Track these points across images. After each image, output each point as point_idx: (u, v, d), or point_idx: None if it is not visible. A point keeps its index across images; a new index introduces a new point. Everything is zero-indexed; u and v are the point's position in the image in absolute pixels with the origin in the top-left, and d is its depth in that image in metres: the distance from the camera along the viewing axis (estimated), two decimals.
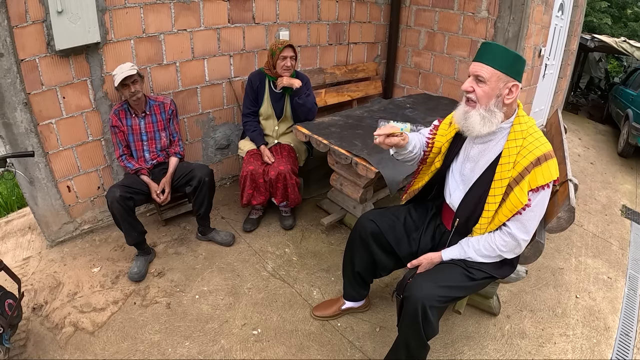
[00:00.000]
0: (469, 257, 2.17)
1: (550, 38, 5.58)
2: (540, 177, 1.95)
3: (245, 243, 3.60)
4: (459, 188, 2.26)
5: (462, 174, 2.24)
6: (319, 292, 3.12)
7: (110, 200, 2.98)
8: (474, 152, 2.17)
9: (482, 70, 1.95)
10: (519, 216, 2.03)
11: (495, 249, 2.12)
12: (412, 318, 2.01)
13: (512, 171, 1.99)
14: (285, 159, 3.53)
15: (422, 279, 2.11)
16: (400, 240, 2.44)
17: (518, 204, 1.99)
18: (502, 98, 1.96)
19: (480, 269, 2.16)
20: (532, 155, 1.95)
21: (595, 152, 7.03)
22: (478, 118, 2.01)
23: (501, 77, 1.93)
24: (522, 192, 1.97)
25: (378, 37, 5.52)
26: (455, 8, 4.81)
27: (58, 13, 2.95)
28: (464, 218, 2.23)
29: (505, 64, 1.92)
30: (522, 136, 2.00)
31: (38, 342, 2.66)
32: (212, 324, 2.81)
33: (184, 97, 3.91)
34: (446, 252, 2.23)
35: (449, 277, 2.12)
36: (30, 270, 3.27)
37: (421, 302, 1.97)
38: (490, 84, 1.95)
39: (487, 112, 1.99)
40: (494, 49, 1.94)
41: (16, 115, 3.02)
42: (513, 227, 2.06)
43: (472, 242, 2.17)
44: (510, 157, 2.00)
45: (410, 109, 4.12)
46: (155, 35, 3.54)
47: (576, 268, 3.58)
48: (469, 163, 2.20)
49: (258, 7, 4.10)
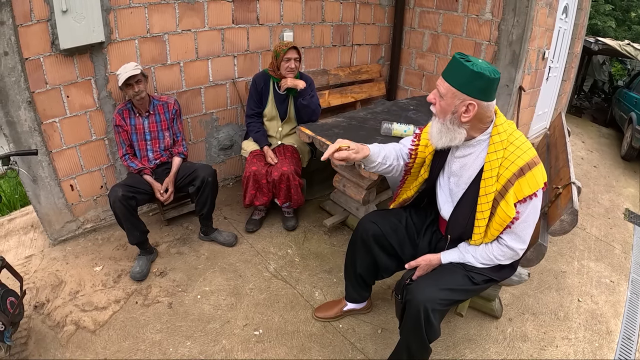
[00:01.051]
0: (468, 262, 2.16)
1: (554, 41, 5.59)
2: (526, 187, 1.92)
3: (247, 244, 3.61)
4: (448, 201, 2.24)
5: (449, 188, 2.22)
6: (321, 293, 3.12)
7: (113, 200, 2.99)
8: (455, 167, 2.14)
9: (440, 85, 1.93)
10: (511, 229, 2.02)
11: (493, 259, 2.12)
12: (414, 321, 2.01)
13: (496, 184, 1.96)
14: (289, 159, 3.53)
15: (424, 282, 2.10)
16: (403, 242, 2.44)
17: (506, 217, 1.96)
18: (458, 115, 1.91)
19: (481, 273, 2.16)
20: (514, 166, 1.91)
21: (598, 155, 7.01)
22: (435, 130, 2.01)
23: (457, 94, 1.88)
24: (509, 206, 1.94)
25: (382, 39, 5.53)
26: (459, 10, 4.81)
27: (63, 12, 2.95)
28: (457, 234, 2.23)
29: (461, 81, 1.85)
30: (503, 146, 1.95)
31: (39, 340, 2.66)
32: (213, 324, 2.81)
33: (187, 97, 3.92)
34: (445, 255, 2.22)
35: (451, 280, 2.11)
36: (33, 268, 3.28)
37: (423, 305, 1.96)
38: (446, 99, 1.91)
39: (443, 125, 1.97)
40: (454, 65, 1.88)
41: (20, 113, 3.03)
42: (508, 239, 2.05)
43: (470, 249, 2.17)
44: (492, 171, 1.96)
45: (413, 111, 4.11)
46: (159, 35, 3.54)
47: (579, 271, 3.57)
48: (453, 177, 2.18)
49: (262, 7, 4.11)
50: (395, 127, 3.42)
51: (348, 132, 3.50)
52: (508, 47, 4.51)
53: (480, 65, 1.84)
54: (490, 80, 1.83)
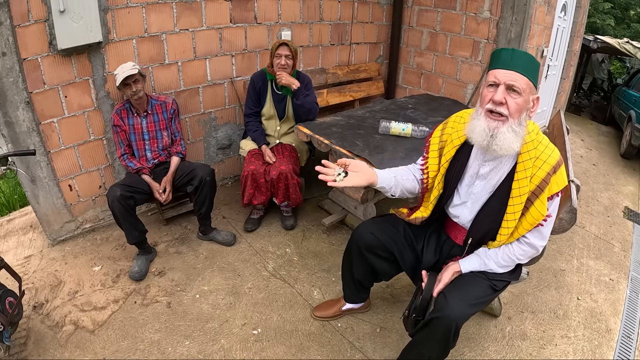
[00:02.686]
0: (490, 269, 2.11)
1: (552, 39, 5.58)
2: (555, 185, 1.89)
3: (246, 243, 3.61)
4: (466, 206, 2.16)
5: (471, 192, 2.13)
6: (320, 292, 3.12)
7: (111, 199, 2.99)
8: (484, 170, 2.04)
9: (517, 80, 1.77)
10: (540, 227, 1.98)
11: (514, 260, 2.08)
12: (442, 338, 1.97)
13: (530, 185, 1.90)
14: (287, 158, 3.53)
15: (452, 299, 1.99)
16: (403, 251, 2.36)
17: (539, 216, 1.92)
18: (528, 112, 1.85)
19: (501, 279, 2.13)
20: (547, 165, 1.86)
21: (597, 153, 7.01)
22: (512, 134, 1.82)
23: (532, 88, 1.81)
24: (542, 204, 1.90)
25: (380, 38, 5.52)
26: (457, 8, 4.81)
27: (60, 12, 2.95)
28: (479, 235, 2.15)
29: (534, 74, 1.79)
30: (534, 146, 1.88)
31: (38, 340, 2.67)
32: (212, 323, 2.81)
33: (185, 96, 3.92)
34: (465, 264, 2.15)
35: (478, 292, 2.05)
36: (32, 268, 3.28)
37: (455, 323, 1.92)
38: (525, 95, 1.79)
39: (518, 126, 1.83)
40: (521, 56, 1.78)
41: (18, 114, 3.03)
42: (531, 237, 2.02)
43: (491, 254, 2.11)
44: (526, 171, 1.89)
45: (412, 110, 4.11)
46: (157, 34, 3.54)
47: (578, 270, 3.57)
48: (479, 181, 2.09)
49: (260, 7, 4.10)
50: (393, 126, 3.42)
51: (346, 130, 3.50)
52: (507, 45, 4.50)
53: None
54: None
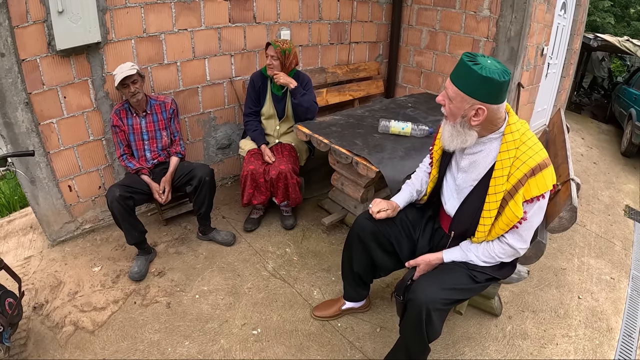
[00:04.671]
0: (471, 260, 2.15)
1: (552, 37, 5.58)
2: (535, 188, 1.90)
3: (245, 243, 3.60)
4: (453, 197, 2.24)
5: (456, 183, 2.21)
6: (320, 292, 3.11)
7: (110, 200, 2.99)
8: (464, 163, 2.13)
9: (449, 88, 1.91)
10: (515, 229, 2.01)
11: (494, 257, 2.11)
12: (415, 321, 2.00)
13: (506, 184, 1.94)
14: (286, 158, 3.53)
15: (426, 282, 2.08)
16: (400, 239, 2.42)
17: (514, 218, 1.96)
18: (467, 119, 1.90)
19: (483, 271, 2.15)
20: (525, 166, 1.89)
21: (598, 151, 7.01)
22: (447, 132, 2.02)
23: (465, 99, 1.85)
24: (517, 206, 1.93)
25: (380, 37, 5.50)
26: (457, 7, 4.80)
27: (59, 13, 2.95)
28: (461, 230, 2.21)
29: (469, 86, 1.82)
30: (515, 146, 1.92)
31: (38, 341, 2.67)
32: (212, 323, 2.81)
33: (185, 96, 3.91)
34: (447, 254, 2.21)
35: (454, 279, 2.10)
36: (32, 269, 3.29)
37: (425, 305, 1.95)
38: (455, 103, 1.89)
39: (453, 128, 1.97)
40: (463, 68, 1.83)
41: (17, 114, 3.03)
42: (510, 238, 2.05)
43: (472, 248, 2.16)
44: (503, 170, 1.94)
45: (411, 109, 4.10)
46: (156, 35, 3.54)
47: (579, 268, 3.57)
48: (460, 173, 2.16)
49: (259, 6, 4.10)
50: (392, 125, 3.42)
51: (346, 130, 3.50)
52: (506, 44, 4.50)
53: (489, 68, 1.79)
54: (499, 83, 1.79)
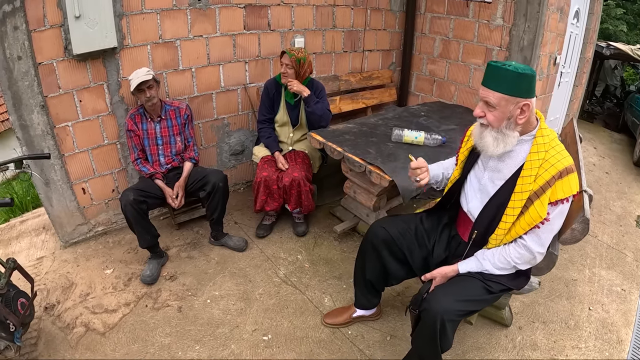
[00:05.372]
0: (486, 270, 2.16)
1: (565, 46, 5.55)
2: (560, 190, 1.94)
3: (257, 249, 3.61)
4: (477, 197, 2.25)
5: (481, 183, 2.23)
6: (331, 299, 3.11)
7: (124, 203, 3.01)
8: (492, 163, 2.16)
9: (489, 96, 1.95)
10: (537, 229, 2.02)
11: (510, 261, 2.11)
12: (429, 332, 2.01)
13: (534, 184, 1.97)
14: (300, 165, 3.54)
15: (441, 293, 2.09)
16: (412, 248, 2.43)
17: (537, 217, 1.98)
18: (514, 119, 1.96)
19: (498, 282, 2.16)
20: (554, 168, 1.93)
21: (610, 161, 6.95)
22: (491, 139, 2.03)
23: (510, 100, 1.92)
24: (542, 206, 1.96)
25: (393, 45, 5.50)
26: (470, 16, 4.79)
27: (76, 18, 2.99)
28: (482, 229, 2.21)
29: (510, 87, 1.90)
30: (545, 149, 1.98)
31: (49, 341, 2.69)
32: (222, 328, 2.82)
33: (199, 102, 3.94)
34: (462, 265, 2.21)
35: (468, 290, 2.11)
36: (44, 270, 3.32)
37: (440, 316, 1.96)
38: (500, 108, 1.94)
39: (499, 133, 2.00)
40: (497, 72, 1.92)
41: (33, 117, 3.07)
42: (529, 240, 2.06)
43: (488, 255, 2.17)
44: (532, 170, 1.98)
45: (424, 117, 4.10)
46: (171, 41, 3.57)
47: (590, 279, 3.54)
48: (487, 173, 2.19)
49: (274, 14, 4.12)
50: (406, 134, 3.42)
51: (359, 138, 3.51)
52: (519, 53, 4.49)
53: (516, 65, 1.90)
54: (533, 77, 1.91)
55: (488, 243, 2.20)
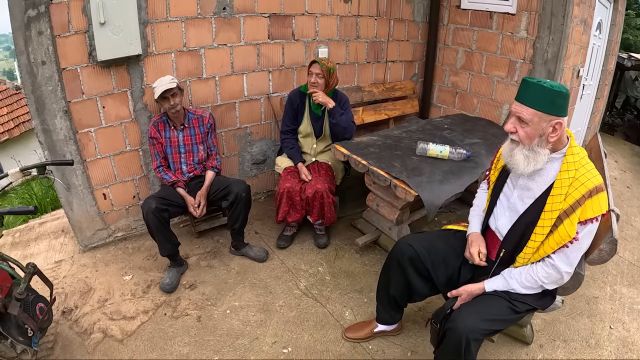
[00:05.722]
0: (513, 289, 2.14)
1: (588, 58, 5.50)
2: (590, 209, 1.92)
3: (278, 260, 3.60)
4: (505, 215, 2.24)
5: (510, 201, 2.21)
6: (351, 313, 3.09)
7: (146, 212, 3.01)
8: (522, 181, 2.14)
9: (522, 112, 1.94)
10: (565, 249, 2.00)
11: (537, 281, 2.09)
12: (454, 350, 1.99)
13: (564, 203, 1.95)
14: (323, 177, 3.52)
15: (467, 312, 2.08)
16: (438, 266, 2.40)
17: (566, 236, 1.96)
18: (545, 137, 1.95)
19: (524, 301, 2.14)
20: (584, 187, 1.91)
21: (632, 175, 6.85)
22: (521, 157, 2.01)
23: (543, 117, 1.91)
24: (572, 225, 1.94)
25: (416, 56, 5.48)
26: (493, 27, 4.76)
27: (101, 24, 3.01)
28: (511, 247, 2.19)
29: (545, 104, 1.89)
30: (575, 167, 1.96)
31: (66, 345, 2.70)
32: (242, 340, 2.81)
33: (222, 111, 3.94)
34: (489, 284, 2.19)
35: (494, 310, 2.09)
36: (62, 273, 3.34)
37: (465, 335, 1.95)
38: (532, 125, 1.94)
39: (530, 151, 1.99)
40: (532, 89, 1.91)
41: (56, 122, 3.10)
42: (557, 259, 2.03)
43: (515, 274, 2.14)
44: (562, 189, 1.96)
45: (448, 130, 4.06)
46: (195, 49, 3.58)
47: (611, 297, 3.49)
48: (517, 191, 2.18)
49: (298, 23, 4.12)
50: (431, 148, 3.39)
51: (383, 151, 3.49)
52: (543, 66, 4.44)
53: (551, 83, 1.89)
54: (567, 95, 1.91)
55: (515, 262, 2.18)
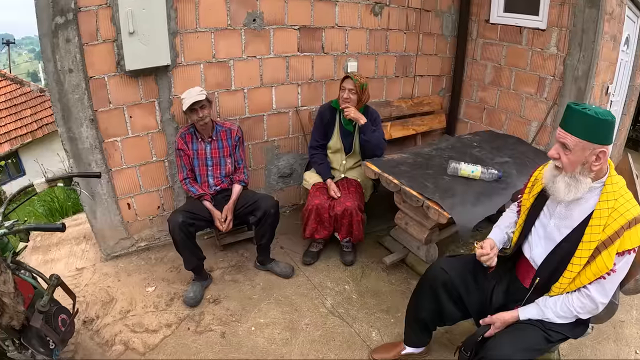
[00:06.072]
0: (547, 318, 2.08)
1: (616, 74, 5.41)
2: (628, 241, 1.86)
3: (304, 276, 3.54)
4: (541, 244, 2.18)
5: (546, 230, 2.15)
6: (378, 333, 3.03)
7: (172, 226, 2.98)
8: (559, 210, 2.08)
9: (566, 139, 1.90)
10: (602, 280, 1.94)
11: (572, 311, 2.03)
12: None
13: (602, 234, 1.89)
14: (353, 194, 3.48)
15: (502, 342, 2.03)
16: (470, 291, 2.36)
17: (604, 268, 1.90)
18: (588, 165, 1.88)
19: (558, 331, 2.08)
20: (623, 218, 1.86)
21: None
22: (563, 185, 1.97)
23: (586, 146, 1.85)
24: (610, 257, 1.88)
25: (444, 70, 5.42)
26: (523, 43, 4.69)
27: (129, 34, 3.01)
28: (546, 276, 2.14)
29: (588, 132, 1.83)
30: (614, 197, 1.90)
31: (86, 356, 2.69)
32: (267, 358, 2.76)
33: (250, 123, 3.92)
34: (523, 312, 2.14)
35: (529, 340, 2.04)
36: (83, 281, 3.32)
37: None
38: (575, 152, 1.88)
39: (571, 179, 1.94)
40: (577, 116, 1.86)
41: (82, 130, 3.10)
42: (593, 290, 1.97)
43: (550, 303, 2.09)
44: (601, 219, 1.90)
45: (477, 149, 3.98)
46: (224, 61, 3.57)
47: (637, 321, 3.41)
48: (553, 220, 2.12)
49: (327, 36, 4.09)
50: (462, 168, 3.33)
51: (415, 170, 3.43)
52: (574, 83, 4.37)
53: (596, 110, 1.84)
54: (612, 123, 1.85)
55: (550, 291, 2.12)
